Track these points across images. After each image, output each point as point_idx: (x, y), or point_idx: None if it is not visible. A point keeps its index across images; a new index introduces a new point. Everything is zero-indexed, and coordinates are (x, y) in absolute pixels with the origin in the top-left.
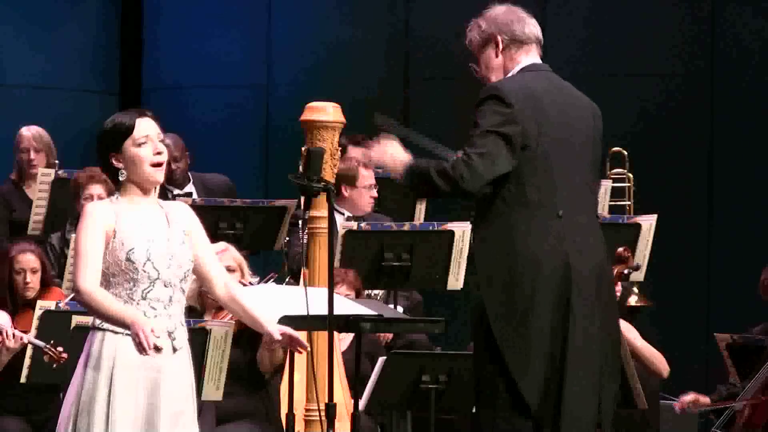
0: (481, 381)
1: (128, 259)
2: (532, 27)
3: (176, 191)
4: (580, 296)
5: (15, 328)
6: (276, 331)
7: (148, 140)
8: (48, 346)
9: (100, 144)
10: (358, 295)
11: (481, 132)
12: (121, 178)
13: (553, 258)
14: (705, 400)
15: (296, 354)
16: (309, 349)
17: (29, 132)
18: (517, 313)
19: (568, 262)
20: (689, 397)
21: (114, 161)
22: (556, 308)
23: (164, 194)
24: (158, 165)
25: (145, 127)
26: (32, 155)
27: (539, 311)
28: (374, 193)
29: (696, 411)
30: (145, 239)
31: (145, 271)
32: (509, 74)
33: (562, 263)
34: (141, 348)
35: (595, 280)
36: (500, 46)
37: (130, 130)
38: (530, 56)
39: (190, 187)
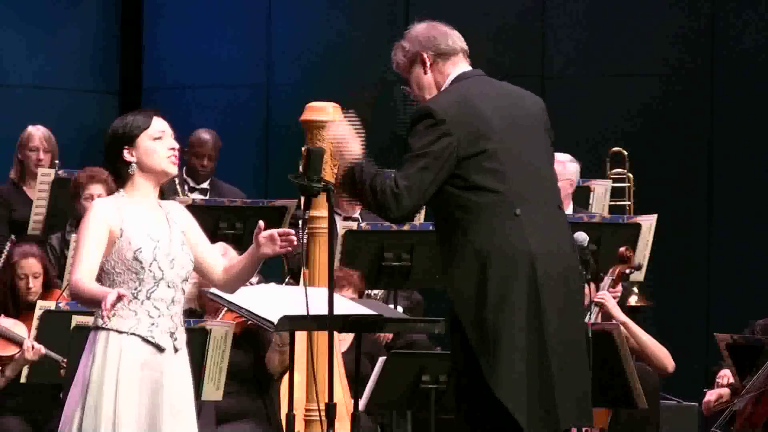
0: (461, 392)
1: (135, 259)
2: (456, 38)
3: (192, 183)
4: (550, 294)
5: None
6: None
7: (163, 135)
8: (65, 360)
9: (113, 138)
10: (360, 297)
11: (411, 156)
12: (131, 172)
13: (517, 258)
14: (726, 392)
15: (296, 354)
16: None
17: (39, 132)
18: (488, 322)
19: (533, 261)
20: (713, 396)
21: (126, 154)
22: (528, 310)
23: (182, 184)
24: (172, 158)
25: (161, 124)
26: (41, 155)
27: (508, 317)
28: None
29: (721, 407)
30: (151, 239)
31: (150, 271)
32: (442, 88)
33: (527, 263)
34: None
35: (563, 274)
36: (428, 63)
37: (146, 124)
38: (459, 66)
39: (206, 185)
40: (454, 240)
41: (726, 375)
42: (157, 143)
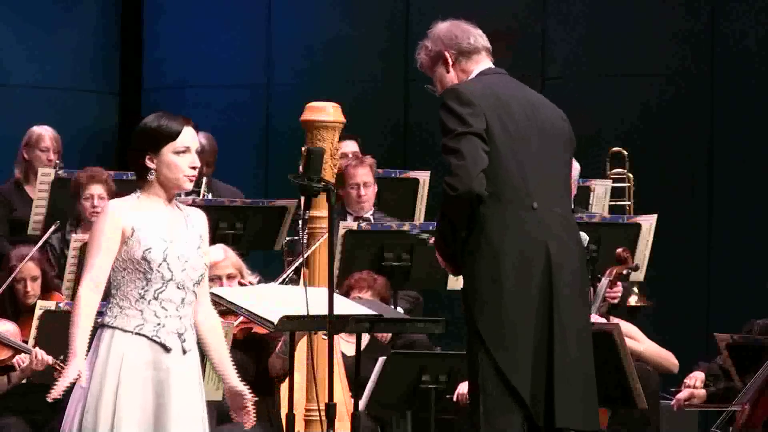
0: (471, 375)
1: (144, 258)
2: (477, 37)
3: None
4: (562, 287)
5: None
6: (240, 391)
7: (188, 151)
8: (59, 362)
9: (139, 139)
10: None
11: (452, 137)
12: (149, 178)
13: (534, 250)
14: (700, 393)
15: (296, 353)
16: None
17: (49, 132)
18: (502, 311)
19: (549, 254)
20: (684, 393)
21: (148, 161)
22: (540, 301)
23: None
24: (191, 177)
25: (188, 138)
26: (52, 155)
27: (523, 306)
28: (362, 192)
29: (693, 407)
30: (163, 240)
31: (159, 272)
32: None
33: (543, 255)
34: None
35: (573, 271)
36: (450, 62)
37: (174, 135)
38: (482, 64)
39: (203, 187)
40: (472, 231)
41: (696, 377)
42: (181, 158)
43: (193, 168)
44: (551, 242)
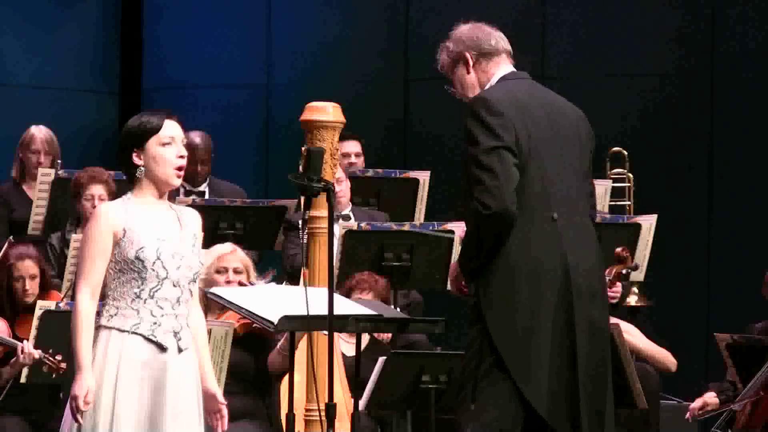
0: (475, 384)
1: (137, 258)
2: (499, 39)
3: (189, 187)
4: (581, 298)
5: (15, 335)
6: (213, 392)
7: (173, 141)
8: (48, 356)
9: (124, 139)
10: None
11: (483, 150)
12: (138, 176)
13: (552, 262)
14: (713, 401)
15: (296, 353)
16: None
17: (41, 134)
18: (519, 322)
19: (567, 265)
20: (698, 403)
21: (135, 158)
22: (558, 312)
23: (177, 189)
24: (179, 169)
25: (172, 129)
26: (42, 158)
27: (542, 318)
28: (337, 188)
29: (705, 415)
30: (156, 238)
31: (153, 270)
32: (486, 87)
33: (562, 266)
34: (72, 412)
35: (592, 281)
36: (470, 63)
37: (157, 128)
38: (503, 67)
39: (204, 187)
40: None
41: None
42: (166, 149)
43: (181, 157)
44: (570, 254)
